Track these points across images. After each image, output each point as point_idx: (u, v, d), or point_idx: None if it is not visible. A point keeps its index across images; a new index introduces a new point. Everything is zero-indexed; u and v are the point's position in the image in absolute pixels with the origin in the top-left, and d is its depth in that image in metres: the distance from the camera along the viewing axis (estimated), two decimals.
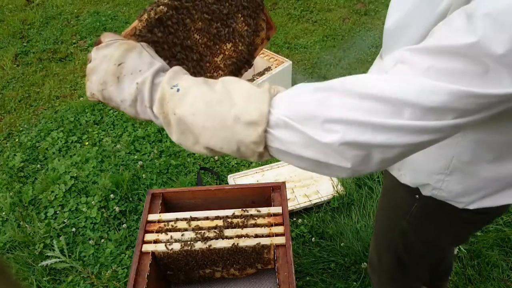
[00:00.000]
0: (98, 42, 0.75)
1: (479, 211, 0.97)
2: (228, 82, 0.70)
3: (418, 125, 0.59)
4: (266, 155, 0.69)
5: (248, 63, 0.98)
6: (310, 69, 3.32)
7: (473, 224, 1.11)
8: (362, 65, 3.29)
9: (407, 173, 1.04)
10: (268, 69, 2.76)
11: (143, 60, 0.71)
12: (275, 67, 2.77)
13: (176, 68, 0.73)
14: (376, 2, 4.04)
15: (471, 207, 0.97)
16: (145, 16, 0.78)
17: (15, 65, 3.57)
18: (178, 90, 0.68)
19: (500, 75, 0.56)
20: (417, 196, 1.05)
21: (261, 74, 2.72)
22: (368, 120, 0.59)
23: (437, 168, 0.94)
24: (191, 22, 0.84)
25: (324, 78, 3.20)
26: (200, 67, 0.87)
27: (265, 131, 0.64)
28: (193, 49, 0.86)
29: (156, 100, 0.70)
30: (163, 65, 0.73)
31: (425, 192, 1.02)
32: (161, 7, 0.79)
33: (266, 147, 0.67)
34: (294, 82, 3.02)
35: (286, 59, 2.84)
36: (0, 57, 3.66)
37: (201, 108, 0.67)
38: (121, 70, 0.70)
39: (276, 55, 2.89)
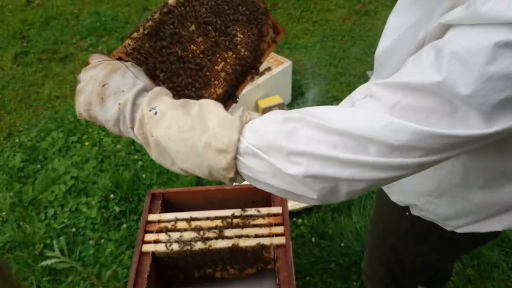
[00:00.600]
0: (87, 63, 0.77)
1: (469, 234, 0.95)
2: (205, 105, 0.70)
3: (382, 162, 0.59)
4: (239, 179, 0.70)
5: (254, 69, 0.97)
6: (310, 69, 3.32)
7: (463, 245, 1.09)
8: (362, 65, 3.29)
9: (397, 191, 1.03)
10: (268, 69, 2.76)
11: (126, 81, 0.73)
12: (275, 67, 2.77)
13: (158, 89, 0.74)
14: (376, 2, 4.04)
15: (459, 231, 0.95)
16: (135, 34, 0.78)
17: (15, 65, 3.57)
18: (156, 113, 0.70)
19: (468, 116, 0.55)
20: (407, 213, 1.04)
21: (261, 74, 2.72)
22: (332, 154, 0.60)
23: (426, 189, 0.93)
24: (186, 33, 0.84)
25: (324, 78, 3.20)
26: (199, 77, 0.86)
27: (235, 158, 0.66)
28: (190, 60, 0.85)
29: (136, 121, 0.71)
30: (146, 85, 0.74)
31: (414, 212, 1.01)
32: (150, 22, 0.79)
33: (238, 172, 0.68)
34: (294, 82, 3.02)
35: (286, 59, 2.84)
36: (0, 57, 3.66)
37: (175, 132, 0.68)
38: (104, 91, 0.72)
39: (276, 55, 2.89)
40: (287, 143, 0.61)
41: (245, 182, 0.72)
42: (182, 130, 0.68)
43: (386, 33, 0.87)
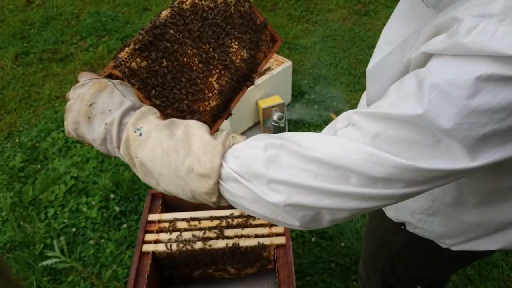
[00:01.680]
0: (77, 81, 0.77)
1: (465, 251, 0.94)
2: (190, 127, 0.70)
3: (364, 192, 0.58)
4: (222, 202, 0.70)
5: (250, 79, 0.96)
6: (310, 69, 3.32)
7: (459, 261, 1.09)
8: (362, 65, 3.29)
9: (391, 207, 1.02)
10: (268, 69, 2.76)
11: (113, 100, 0.72)
12: (275, 67, 2.77)
13: (144, 108, 0.73)
14: (376, 2, 4.05)
15: (454, 248, 0.95)
16: (126, 49, 0.78)
17: (16, 65, 3.57)
18: (140, 134, 0.69)
19: (451, 149, 0.54)
20: (402, 227, 1.03)
21: (261, 74, 2.73)
22: (312, 184, 0.59)
23: (419, 207, 0.92)
24: (178, 47, 0.83)
25: (324, 78, 3.21)
26: (192, 90, 0.86)
27: (218, 183, 0.66)
28: (183, 73, 0.84)
29: (122, 141, 0.71)
30: (133, 103, 0.74)
31: (409, 228, 1.01)
32: (140, 37, 0.79)
33: (221, 196, 0.68)
34: (294, 82, 3.02)
35: (286, 60, 2.85)
36: (1, 57, 3.66)
37: (159, 155, 0.68)
38: (92, 110, 0.71)
39: (276, 55, 2.89)
40: (268, 171, 0.61)
41: None
42: (166, 153, 0.67)
43: (378, 48, 0.87)
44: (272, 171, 0.61)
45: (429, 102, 0.53)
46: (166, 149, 0.67)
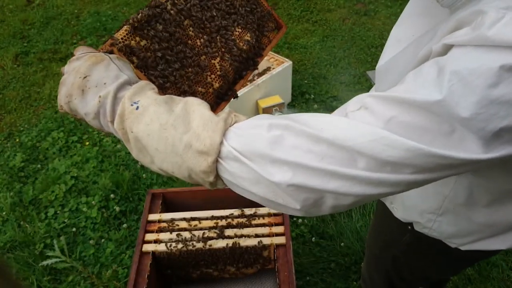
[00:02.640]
0: (72, 56, 0.75)
1: (473, 251, 0.94)
2: (190, 104, 0.67)
3: (372, 177, 0.56)
4: (219, 184, 0.67)
5: (253, 63, 0.95)
6: (310, 69, 3.32)
7: (466, 261, 1.08)
8: (362, 65, 3.29)
9: (399, 207, 1.01)
10: (268, 69, 2.76)
11: (109, 73, 0.69)
12: (275, 67, 2.77)
13: (142, 83, 0.71)
14: (376, 2, 4.05)
15: (463, 248, 0.94)
16: (124, 27, 0.77)
17: (16, 65, 3.57)
18: (137, 108, 0.66)
19: (466, 139, 0.53)
20: (409, 227, 1.03)
21: (261, 74, 2.73)
22: (319, 165, 0.57)
23: (429, 207, 0.91)
24: (178, 29, 0.82)
25: (324, 78, 3.21)
26: (194, 70, 0.84)
27: (217, 161, 0.63)
28: (185, 53, 0.83)
29: (116, 115, 0.68)
30: (129, 78, 0.71)
31: (417, 228, 1.00)
32: (139, 15, 0.77)
33: (219, 176, 0.65)
34: (294, 82, 3.02)
35: (286, 59, 2.85)
36: (1, 57, 3.66)
37: (156, 129, 0.65)
38: (86, 83, 0.69)
39: (276, 55, 2.89)
40: (273, 150, 0.59)
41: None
42: (163, 128, 0.64)
43: (388, 46, 0.86)
44: (277, 152, 0.59)
45: (449, 89, 0.51)
46: (164, 124, 0.64)
